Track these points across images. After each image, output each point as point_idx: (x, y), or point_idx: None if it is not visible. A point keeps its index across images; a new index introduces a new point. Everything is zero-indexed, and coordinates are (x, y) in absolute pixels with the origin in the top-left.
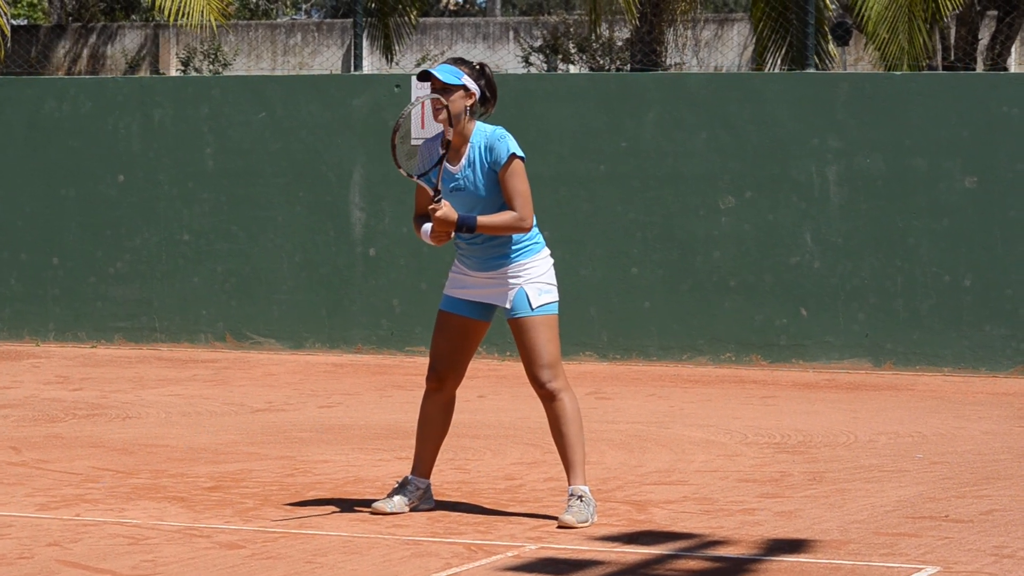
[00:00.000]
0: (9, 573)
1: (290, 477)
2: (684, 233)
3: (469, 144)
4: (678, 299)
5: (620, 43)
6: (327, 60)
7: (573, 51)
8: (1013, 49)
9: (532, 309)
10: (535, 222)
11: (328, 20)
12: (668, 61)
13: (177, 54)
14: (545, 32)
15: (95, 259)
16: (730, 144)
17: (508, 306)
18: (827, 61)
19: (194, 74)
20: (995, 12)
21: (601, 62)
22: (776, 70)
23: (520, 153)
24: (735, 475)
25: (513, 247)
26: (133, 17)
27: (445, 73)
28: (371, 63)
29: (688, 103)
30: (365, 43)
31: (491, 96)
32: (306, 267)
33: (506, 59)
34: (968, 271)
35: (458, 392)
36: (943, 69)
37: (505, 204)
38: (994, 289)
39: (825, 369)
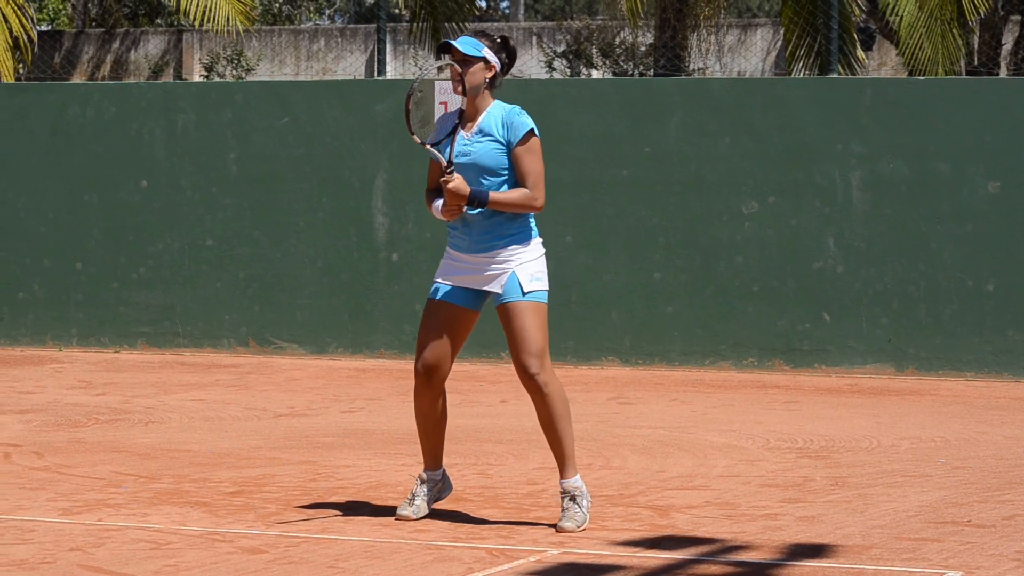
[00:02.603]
0: None
1: (312, 482)
2: (707, 238)
3: (485, 114)
4: (701, 304)
5: (643, 48)
6: (350, 65)
7: (596, 56)
8: None
9: (523, 294)
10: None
11: (351, 25)
12: (691, 66)
13: (200, 59)
14: (568, 37)
15: (118, 264)
16: (753, 149)
17: (499, 290)
18: (856, 66)
19: (217, 79)
20: (1018, 17)
21: (624, 67)
22: (806, 74)
23: (537, 131)
24: (757, 480)
25: (509, 230)
26: (157, 22)
27: (465, 45)
28: (394, 68)
29: (711, 108)
30: (389, 48)
31: (510, 62)
32: (329, 272)
33: (529, 64)
34: (991, 276)
35: (481, 397)
36: (966, 74)
37: (507, 182)
38: (1017, 294)
39: (848, 374)
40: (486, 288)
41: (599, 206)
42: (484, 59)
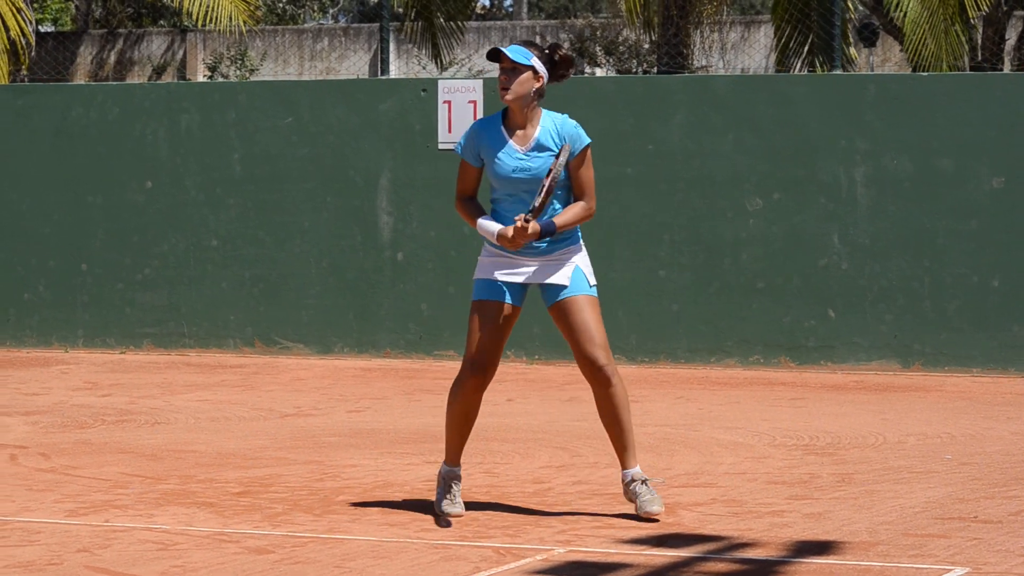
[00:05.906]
0: None
1: (319, 482)
2: (711, 235)
3: (540, 128)
4: (706, 301)
5: (647, 46)
6: (354, 65)
7: (600, 54)
8: None
9: (591, 287)
10: None
11: (355, 25)
12: (695, 63)
13: (204, 60)
14: (571, 35)
15: (123, 265)
16: (757, 146)
17: (566, 283)
18: (848, 64)
19: (221, 80)
20: (1021, 12)
21: (628, 65)
22: (799, 72)
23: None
24: (764, 477)
25: (568, 233)
26: (160, 23)
27: (515, 53)
28: (398, 67)
29: (715, 105)
30: (393, 47)
31: (563, 71)
32: (334, 272)
33: None
34: (996, 272)
35: (487, 396)
36: (970, 69)
37: (564, 189)
38: (1022, 289)
39: (853, 370)
40: (550, 281)
41: (603, 204)
42: (533, 68)
